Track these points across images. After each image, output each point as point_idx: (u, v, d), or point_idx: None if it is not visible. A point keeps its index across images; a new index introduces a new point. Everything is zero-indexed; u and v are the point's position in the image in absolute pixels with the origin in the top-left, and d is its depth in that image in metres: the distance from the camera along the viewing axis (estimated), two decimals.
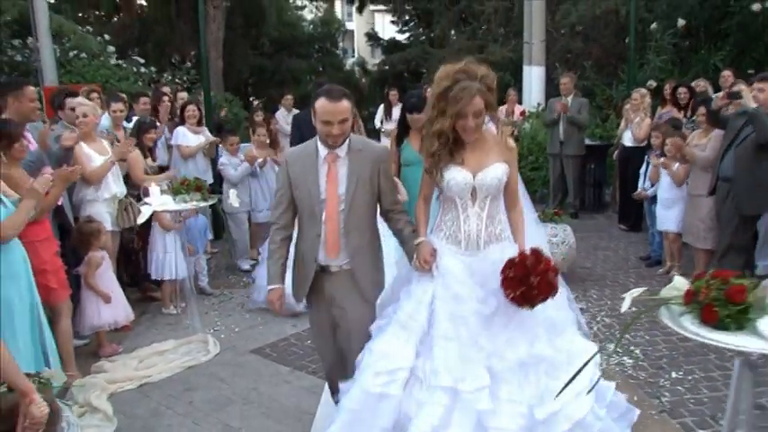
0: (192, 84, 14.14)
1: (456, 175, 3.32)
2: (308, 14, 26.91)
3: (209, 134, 8.03)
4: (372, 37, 23.71)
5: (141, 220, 5.52)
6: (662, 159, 6.65)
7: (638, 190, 7.42)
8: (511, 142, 3.47)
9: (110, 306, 5.40)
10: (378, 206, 3.64)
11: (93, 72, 11.62)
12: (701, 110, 6.39)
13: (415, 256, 3.46)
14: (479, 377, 3.18)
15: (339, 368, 3.72)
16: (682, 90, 8.66)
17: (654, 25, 11.52)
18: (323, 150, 3.47)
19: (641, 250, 7.97)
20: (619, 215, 9.27)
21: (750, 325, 2.41)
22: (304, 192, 3.48)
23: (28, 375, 3.05)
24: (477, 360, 3.22)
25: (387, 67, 21.86)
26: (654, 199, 7.08)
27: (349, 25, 30.68)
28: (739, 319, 2.40)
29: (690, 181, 6.38)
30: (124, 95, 7.80)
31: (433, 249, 3.40)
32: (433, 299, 3.35)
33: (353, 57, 32.54)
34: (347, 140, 3.48)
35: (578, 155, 9.71)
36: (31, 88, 5.17)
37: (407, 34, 22.40)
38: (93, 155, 5.58)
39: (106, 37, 13.54)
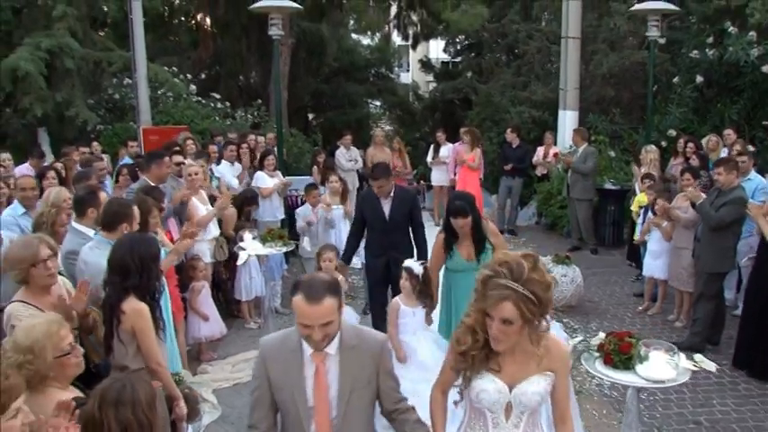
0: (262, 119, 15.88)
1: (488, 387, 2.87)
2: (365, 39, 28.53)
3: (282, 177, 9.72)
4: (426, 64, 25.38)
5: (240, 262, 7.19)
6: (652, 218, 8.00)
7: (637, 238, 8.76)
8: (562, 348, 3.00)
9: (208, 323, 7.03)
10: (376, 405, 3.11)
11: (181, 113, 13.45)
12: (687, 175, 7.69)
13: None
14: None
15: None
16: (690, 145, 9.98)
17: (676, 79, 12.79)
18: (308, 347, 2.88)
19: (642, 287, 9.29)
20: (627, 253, 10.57)
21: (632, 367, 3.89)
22: (287, 396, 2.92)
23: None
24: None
25: (438, 94, 23.44)
26: (646, 246, 8.40)
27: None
28: (626, 364, 3.89)
29: (674, 236, 7.71)
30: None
31: None
32: None
33: (408, 71, 34.11)
34: (338, 334, 2.90)
35: (585, 198, 11.04)
36: (167, 159, 6.89)
37: (459, 58, 24.07)
38: (200, 206, 7.28)
39: (188, 76, 15.44)
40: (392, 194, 6.58)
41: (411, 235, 6.67)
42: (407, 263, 5.51)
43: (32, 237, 4.12)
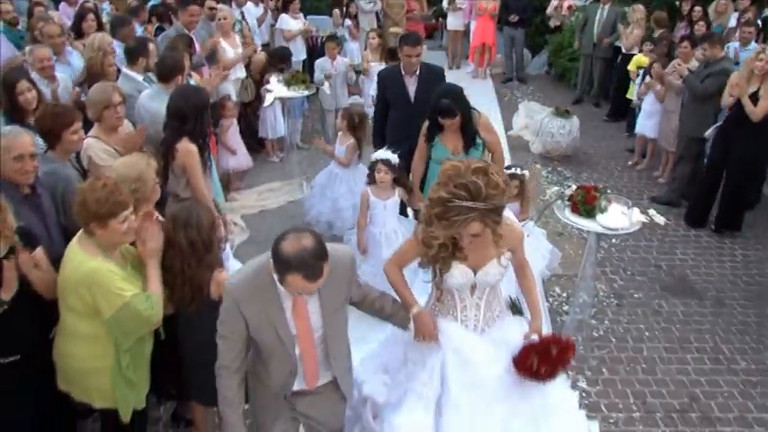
0: None
1: (455, 273, 3.17)
2: None
3: (305, 20, 10.23)
4: None
5: (267, 103, 7.91)
6: (648, 80, 8.55)
7: (634, 99, 9.36)
8: (515, 228, 3.31)
9: (235, 156, 7.83)
10: None
11: None
12: (685, 43, 8.15)
13: (413, 327, 3.33)
14: None
15: None
16: (696, 9, 10.31)
17: None
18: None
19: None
20: (610, 109, 11.27)
21: (594, 215, 4.73)
22: (269, 333, 2.95)
23: None
24: (491, 426, 3.21)
25: None
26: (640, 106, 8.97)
27: None
28: (589, 212, 4.73)
29: (666, 99, 8.28)
30: None
31: (434, 316, 3.34)
32: (443, 364, 3.28)
33: None
34: None
35: (607, 57, 11.40)
36: (195, 6, 7.40)
37: None
38: (228, 48, 7.87)
39: None
40: (418, 73, 5.94)
41: None
42: (382, 155, 5.37)
43: (107, 84, 4.83)
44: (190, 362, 3.64)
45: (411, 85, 5.96)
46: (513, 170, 5.20)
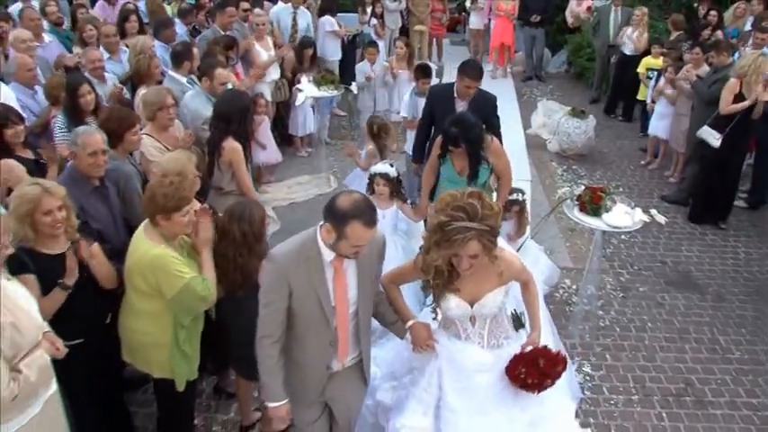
0: None
1: (451, 305, 3.36)
2: None
3: (341, 22, 10.81)
4: None
5: (298, 103, 8.39)
6: (662, 82, 8.90)
7: (648, 101, 9.71)
8: (515, 262, 3.46)
9: (265, 151, 8.26)
10: None
11: None
12: (696, 50, 8.48)
13: (409, 339, 3.54)
14: None
15: None
16: (712, 13, 10.61)
17: None
18: (328, 254, 3.11)
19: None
20: (606, 106, 11.76)
21: (600, 214, 5.15)
22: (312, 302, 3.16)
23: None
24: (486, 427, 3.42)
25: None
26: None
27: None
28: (596, 211, 5.15)
29: (677, 102, 8.62)
30: None
31: (429, 327, 3.55)
32: (439, 371, 3.51)
33: None
34: None
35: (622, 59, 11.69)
36: (232, 8, 7.88)
37: None
38: (262, 51, 8.35)
39: None
40: (470, 98, 5.82)
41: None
42: (380, 169, 5.57)
43: (162, 87, 5.35)
44: (235, 341, 4.11)
45: (461, 108, 5.79)
46: (514, 195, 5.56)
